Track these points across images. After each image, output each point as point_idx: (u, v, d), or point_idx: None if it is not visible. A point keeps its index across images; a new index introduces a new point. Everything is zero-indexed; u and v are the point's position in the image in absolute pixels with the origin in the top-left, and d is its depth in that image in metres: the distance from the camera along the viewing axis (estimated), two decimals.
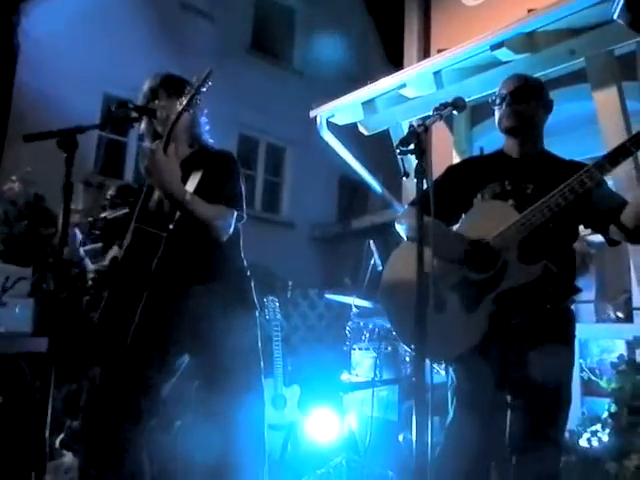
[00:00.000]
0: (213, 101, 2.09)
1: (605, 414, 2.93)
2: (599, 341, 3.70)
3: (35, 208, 4.25)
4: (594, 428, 2.93)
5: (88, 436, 1.94)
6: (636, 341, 3.02)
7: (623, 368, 2.91)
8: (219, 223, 1.90)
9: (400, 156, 1.45)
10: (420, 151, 1.41)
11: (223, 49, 7.76)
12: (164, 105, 1.99)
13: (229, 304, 1.94)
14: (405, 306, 1.60)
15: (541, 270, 1.72)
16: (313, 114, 4.57)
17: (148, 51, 6.47)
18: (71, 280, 2.82)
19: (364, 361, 3.70)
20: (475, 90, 3.65)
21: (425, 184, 1.42)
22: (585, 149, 2.90)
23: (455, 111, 1.66)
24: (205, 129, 2.09)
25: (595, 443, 2.90)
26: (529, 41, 3.41)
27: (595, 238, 3.59)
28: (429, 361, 1.41)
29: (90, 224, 3.19)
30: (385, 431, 3.38)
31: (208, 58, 6.97)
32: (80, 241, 2.82)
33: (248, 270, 2.08)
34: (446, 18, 5.05)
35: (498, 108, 1.95)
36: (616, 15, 2.85)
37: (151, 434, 1.98)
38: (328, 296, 4.27)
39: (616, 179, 2.98)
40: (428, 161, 1.42)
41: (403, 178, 1.48)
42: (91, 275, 1.93)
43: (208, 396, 1.93)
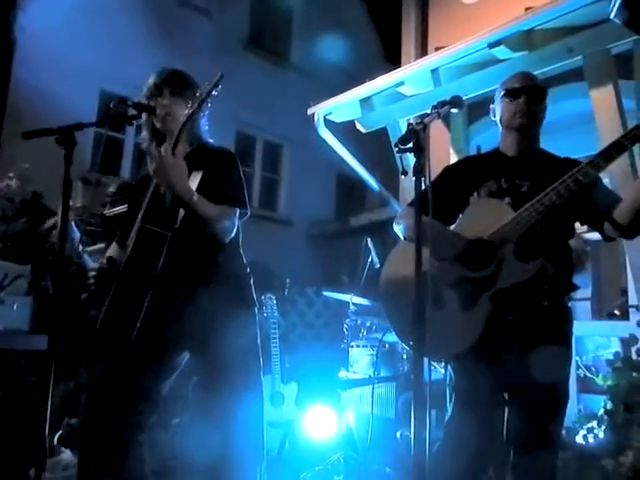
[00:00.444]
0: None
1: (601, 411, 2.94)
2: (595, 338, 3.71)
3: (33, 205, 4.24)
4: (590, 425, 2.94)
5: (88, 433, 1.95)
6: (632, 338, 3.04)
7: (619, 365, 2.92)
8: (224, 224, 1.92)
9: (398, 154, 1.46)
10: (419, 149, 1.42)
11: (221, 46, 7.75)
12: (166, 103, 1.98)
13: (230, 302, 1.94)
14: (404, 304, 1.60)
15: (538, 267, 1.72)
16: (311, 111, 4.56)
17: (146, 48, 6.44)
18: (69, 278, 2.82)
19: (362, 358, 3.71)
20: (473, 88, 3.66)
21: (423, 182, 1.42)
22: (581, 147, 2.90)
23: (453, 109, 1.66)
24: (205, 128, 2.08)
25: (591, 440, 2.91)
26: (527, 39, 3.41)
27: (591, 235, 3.60)
28: (427, 359, 1.42)
29: (87, 220, 3.19)
30: (382, 428, 3.39)
31: (206, 55, 6.98)
32: (79, 238, 2.83)
33: (248, 267, 2.09)
34: (444, 16, 5.04)
35: (507, 101, 1.92)
36: (613, 14, 2.86)
37: (151, 432, 1.98)
38: (326, 294, 4.28)
39: (612, 176, 3.00)
40: (426, 159, 1.43)
41: (401, 176, 1.49)
42: (92, 273, 1.92)
43: (207, 394, 1.93)
